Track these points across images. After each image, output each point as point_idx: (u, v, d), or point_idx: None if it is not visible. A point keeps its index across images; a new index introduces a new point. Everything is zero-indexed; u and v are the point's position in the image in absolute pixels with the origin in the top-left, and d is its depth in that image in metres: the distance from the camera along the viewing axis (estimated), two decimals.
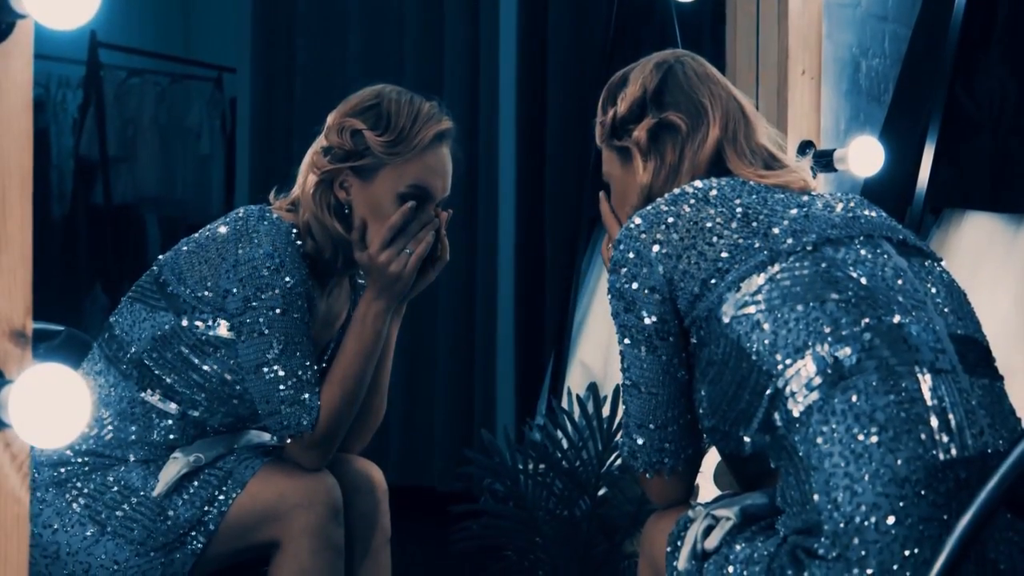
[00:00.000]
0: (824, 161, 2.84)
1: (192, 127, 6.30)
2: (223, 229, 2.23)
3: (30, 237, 1.46)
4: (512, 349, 4.76)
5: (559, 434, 2.76)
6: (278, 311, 2.17)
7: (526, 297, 4.80)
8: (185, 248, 2.26)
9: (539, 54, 4.77)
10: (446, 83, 4.90)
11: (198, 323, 2.20)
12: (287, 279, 2.17)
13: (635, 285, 1.79)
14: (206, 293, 2.20)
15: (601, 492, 2.69)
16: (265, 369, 2.18)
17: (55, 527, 2.16)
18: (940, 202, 3.33)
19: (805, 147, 2.85)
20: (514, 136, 4.81)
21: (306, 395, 2.19)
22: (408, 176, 2.26)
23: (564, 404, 2.91)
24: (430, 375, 4.91)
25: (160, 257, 2.29)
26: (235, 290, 2.17)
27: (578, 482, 2.67)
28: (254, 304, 2.16)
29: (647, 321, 1.77)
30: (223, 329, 2.20)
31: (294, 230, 2.24)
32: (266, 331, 2.16)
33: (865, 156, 2.83)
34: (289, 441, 2.21)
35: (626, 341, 1.81)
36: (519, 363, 4.74)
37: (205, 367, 2.21)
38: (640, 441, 1.83)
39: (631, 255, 1.80)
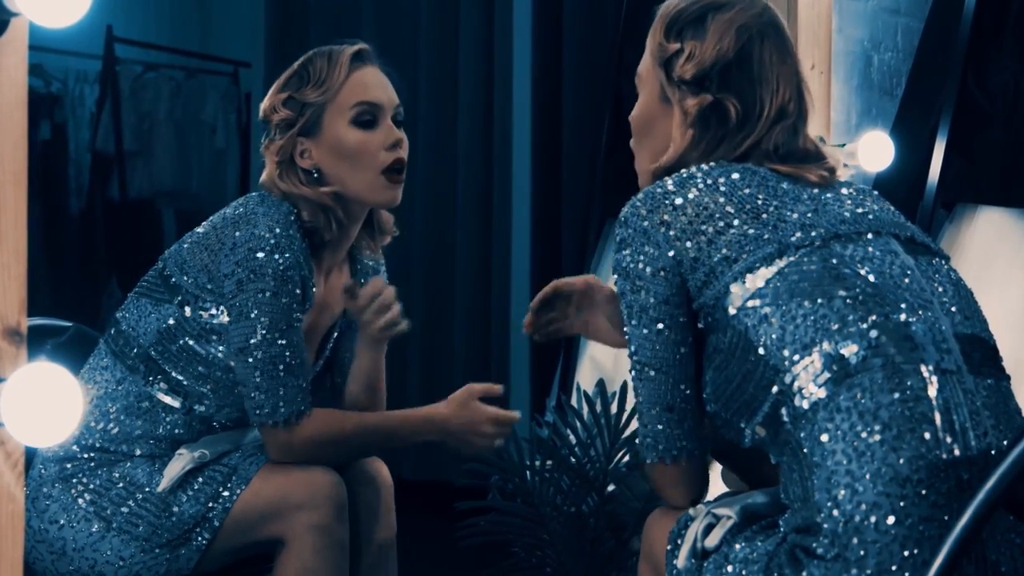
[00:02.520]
0: None
1: (208, 122, 6.31)
2: (223, 216, 2.25)
3: (24, 234, 1.45)
4: (528, 344, 4.76)
5: (567, 431, 2.76)
6: (268, 294, 2.16)
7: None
8: (188, 240, 2.27)
9: (554, 49, 4.76)
10: (460, 79, 4.90)
11: (201, 312, 2.21)
12: (280, 261, 2.17)
13: (641, 264, 1.76)
14: (207, 280, 2.20)
15: (609, 489, 2.68)
16: (249, 353, 2.17)
17: (61, 523, 2.17)
18: (952, 197, 3.32)
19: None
20: (529, 131, 4.80)
21: (282, 389, 2.18)
22: (348, 100, 2.30)
23: (573, 400, 2.90)
24: (446, 370, 4.91)
25: (165, 252, 2.30)
26: (231, 272, 2.18)
27: (586, 479, 2.66)
28: (247, 286, 2.16)
29: (653, 300, 1.75)
30: (225, 316, 2.20)
31: (293, 211, 2.24)
32: (252, 315, 2.16)
33: (875, 151, 2.82)
34: (261, 427, 2.21)
35: (633, 322, 1.78)
36: (534, 358, 4.74)
37: (209, 355, 2.21)
38: (659, 427, 1.79)
39: (636, 233, 1.77)
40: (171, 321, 2.22)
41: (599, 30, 4.53)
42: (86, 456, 2.21)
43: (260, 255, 2.17)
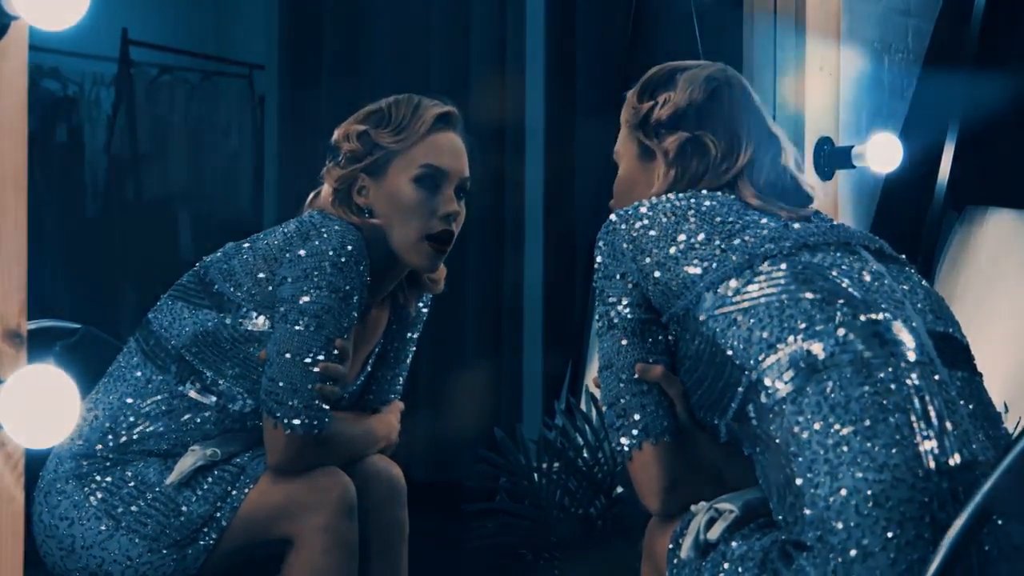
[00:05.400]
0: (842, 158, 2.82)
1: (222, 124, 6.32)
2: (285, 230, 2.25)
3: (25, 237, 1.46)
4: (540, 344, 4.76)
5: (576, 434, 2.76)
6: (325, 306, 2.17)
7: (555, 294, 4.79)
8: (238, 250, 2.27)
9: (567, 54, 4.76)
10: (472, 82, 4.90)
11: (241, 320, 2.21)
12: (343, 282, 2.18)
13: (611, 279, 1.84)
14: (256, 290, 2.21)
15: (617, 491, 2.69)
16: (288, 356, 2.16)
17: (71, 520, 2.18)
18: (962, 198, 3.32)
19: (822, 144, 2.83)
20: (542, 136, 4.80)
21: (307, 400, 2.17)
22: (418, 159, 2.31)
23: (582, 404, 2.90)
24: (456, 369, 4.91)
25: (205, 259, 2.31)
26: (290, 278, 2.18)
27: (594, 481, 2.67)
28: (307, 294, 2.16)
29: (623, 311, 1.83)
30: (264, 325, 2.20)
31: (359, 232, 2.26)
32: (302, 322, 2.16)
33: (885, 152, 2.81)
34: (270, 428, 2.20)
35: (603, 330, 1.85)
36: (546, 359, 4.74)
37: (247, 358, 2.21)
38: (636, 417, 1.84)
39: (605, 247, 1.86)
40: (209, 326, 2.23)
41: (612, 36, 4.53)
42: (103, 456, 2.21)
43: (327, 267, 2.18)
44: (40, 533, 2.21)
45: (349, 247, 2.19)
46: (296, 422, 2.16)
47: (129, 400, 2.24)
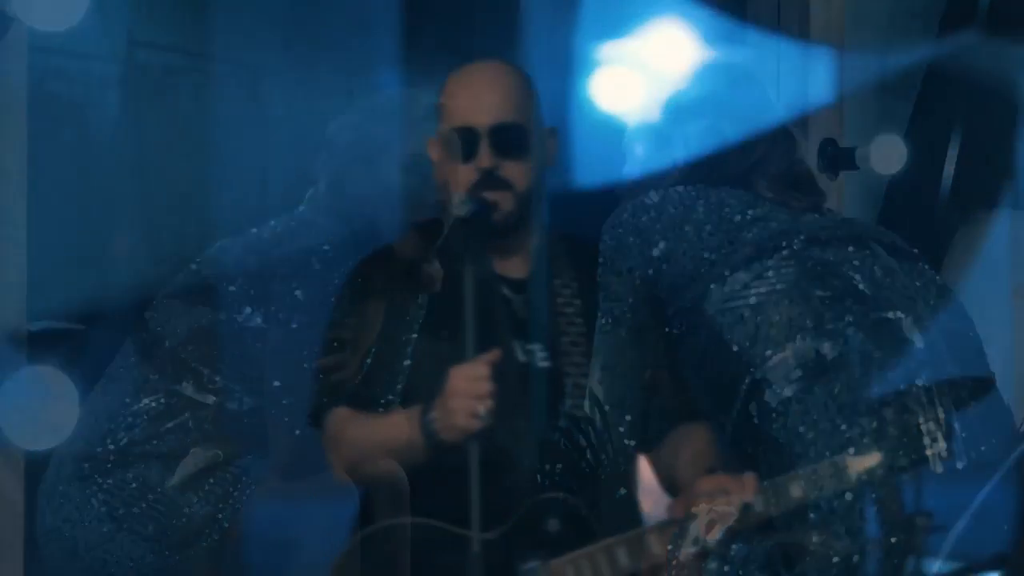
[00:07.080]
0: (846, 159, 2.82)
1: (226, 125, 6.32)
2: (277, 226, 2.26)
3: (25, 237, 1.47)
4: (544, 344, 4.74)
5: (579, 436, 2.76)
6: (316, 305, 2.17)
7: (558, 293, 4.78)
8: (230, 245, 2.27)
9: (571, 53, 4.75)
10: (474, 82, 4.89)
11: (236, 316, 2.22)
12: (336, 277, 2.19)
13: (615, 268, 1.87)
14: (249, 284, 2.21)
15: (620, 493, 2.68)
16: (286, 354, 2.17)
17: (74, 522, 2.18)
18: (966, 200, 3.31)
19: (827, 145, 2.83)
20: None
21: (296, 400, 2.18)
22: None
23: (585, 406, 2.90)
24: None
25: (199, 257, 2.31)
26: (283, 275, 2.19)
27: (597, 483, 2.66)
28: (296, 294, 2.17)
29: (626, 306, 1.86)
30: (259, 320, 2.21)
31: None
32: (294, 325, 2.17)
33: (887, 154, 2.81)
34: (275, 426, 2.20)
35: (604, 322, 1.87)
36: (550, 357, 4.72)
37: (240, 354, 2.22)
38: (628, 417, 1.84)
39: (612, 240, 1.88)
40: (204, 322, 2.23)
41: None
42: (104, 458, 2.22)
43: (318, 262, 2.18)
44: (43, 535, 2.21)
45: (341, 243, 2.20)
46: (298, 421, 2.16)
47: (127, 400, 2.24)
